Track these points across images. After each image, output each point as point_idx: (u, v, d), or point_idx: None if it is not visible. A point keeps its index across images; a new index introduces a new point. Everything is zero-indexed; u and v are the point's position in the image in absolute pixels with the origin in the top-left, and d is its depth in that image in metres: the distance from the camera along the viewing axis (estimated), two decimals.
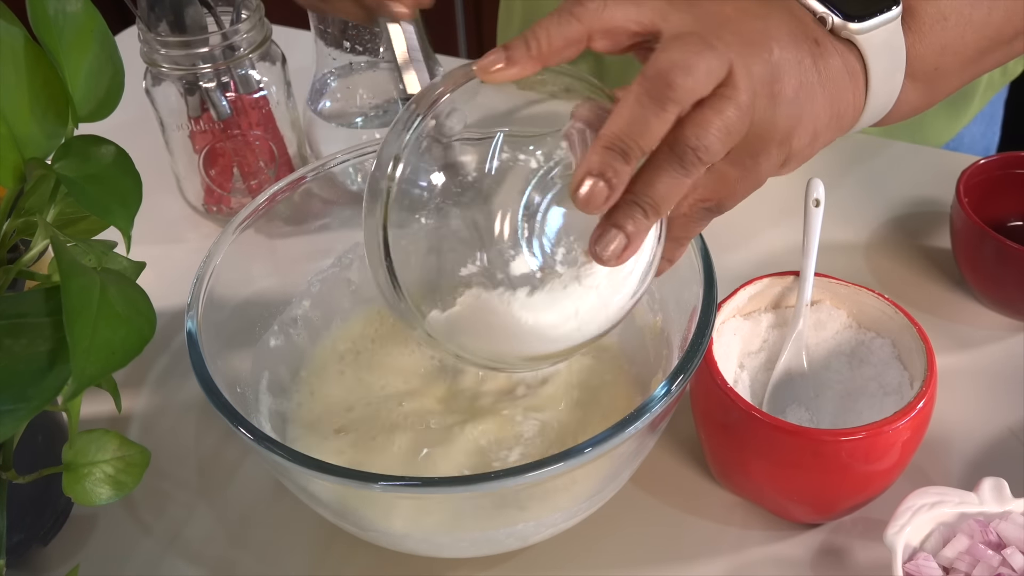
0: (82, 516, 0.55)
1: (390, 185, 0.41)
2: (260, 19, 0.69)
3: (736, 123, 0.38)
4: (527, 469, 0.40)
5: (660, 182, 0.38)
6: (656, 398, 0.42)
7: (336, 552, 0.53)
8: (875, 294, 0.54)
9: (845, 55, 0.43)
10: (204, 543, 0.54)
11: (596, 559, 0.52)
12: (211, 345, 0.47)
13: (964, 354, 0.62)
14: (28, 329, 0.38)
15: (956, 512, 0.47)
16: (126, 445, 0.46)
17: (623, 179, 0.37)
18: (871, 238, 0.72)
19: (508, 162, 0.41)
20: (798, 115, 0.41)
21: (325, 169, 0.56)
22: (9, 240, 0.44)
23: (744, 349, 0.56)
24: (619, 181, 0.37)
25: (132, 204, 0.43)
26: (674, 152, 0.38)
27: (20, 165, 0.40)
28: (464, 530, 0.46)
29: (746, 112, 0.39)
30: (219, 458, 0.58)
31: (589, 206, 0.37)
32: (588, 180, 0.37)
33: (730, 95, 0.38)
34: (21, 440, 0.45)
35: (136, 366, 0.64)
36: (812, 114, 0.42)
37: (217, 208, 0.75)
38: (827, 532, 0.52)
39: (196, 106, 0.69)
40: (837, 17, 0.43)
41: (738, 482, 0.53)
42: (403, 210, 0.42)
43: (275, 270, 0.57)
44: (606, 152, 0.37)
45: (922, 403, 0.47)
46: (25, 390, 0.37)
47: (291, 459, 0.41)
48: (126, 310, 0.39)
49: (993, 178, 0.66)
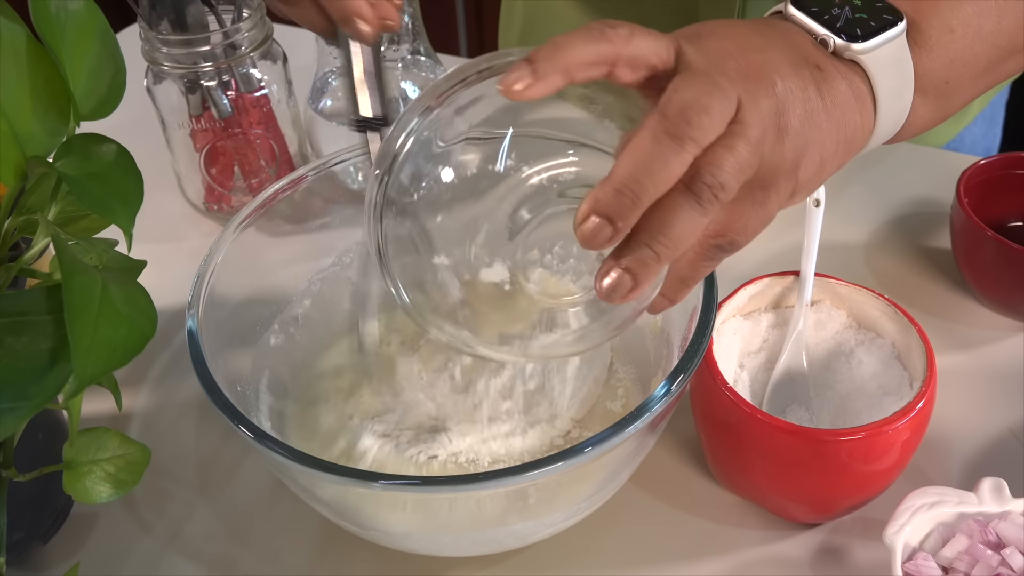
0: (82, 514, 0.55)
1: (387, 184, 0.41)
2: (261, 17, 0.69)
3: (748, 159, 0.37)
4: (527, 468, 0.40)
5: (677, 223, 0.36)
6: (656, 398, 0.42)
7: (336, 551, 0.53)
8: (875, 294, 0.54)
9: (850, 77, 0.42)
10: (204, 541, 0.54)
11: (596, 558, 0.52)
12: (212, 344, 0.48)
13: (964, 354, 0.62)
14: (29, 327, 0.38)
15: (955, 512, 0.47)
16: (126, 443, 0.46)
17: (630, 223, 0.36)
18: (871, 238, 0.72)
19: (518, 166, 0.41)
20: (804, 145, 0.40)
21: (326, 168, 0.56)
22: (10, 238, 0.44)
23: (744, 349, 0.56)
24: (625, 225, 0.35)
25: (133, 202, 0.43)
26: (691, 191, 0.36)
27: (21, 163, 0.40)
28: (464, 529, 0.46)
29: (756, 147, 0.38)
30: (219, 457, 0.59)
31: (589, 244, 0.36)
32: (593, 218, 0.35)
33: (740, 132, 0.37)
34: (22, 438, 0.45)
35: (137, 364, 0.64)
36: (818, 143, 0.41)
37: (218, 207, 0.75)
38: (827, 532, 0.52)
39: (197, 104, 0.69)
40: (838, 39, 0.42)
41: (738, 482, 0.53)
42: (399, 213, 0.42)
43: (276, 269, 0.57)
44: (617, 196, 0.35)
45: (922, 403, 0.47)
46: (26, 388, 0.37)
47: (291, 458, 0.41)
48: (127, 308, 0.39)
49: (993, 178, 0.66)
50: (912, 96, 0.44)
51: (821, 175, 0.42)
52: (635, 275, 0.36)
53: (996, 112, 0.91)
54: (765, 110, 0.39)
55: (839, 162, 0.43)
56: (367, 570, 0.52)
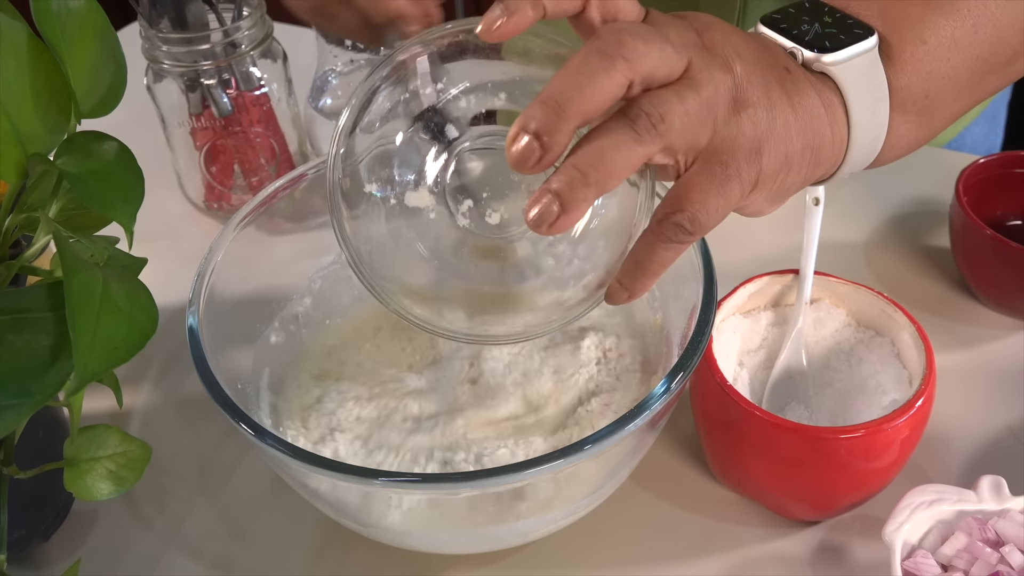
0: (83, 511, 0.55)
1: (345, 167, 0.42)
2: (262, 16, 0.69)
3: (696, 110, 0.37)
4: (527, 466, 0.40)
5: (609, 147, 0.35)
6: (656, 395, 0.42)
7: (336, 548, 0.53)
8: (874, 292, 0.54)
9: (819, 87, 0.41)
10: (204, 539, 0.54)
11: (596, 556, 0.52)
12: (212, 341, 0.48)
13: (963, 353, 0.62)
14: (30, 324, 0.38)
15: (955, 510, 0.47)
16: (127, 441, 0.46)
17: (558, 140, 0.34)
18: (871, 237, 0.72)
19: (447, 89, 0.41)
20: (766, 131, 0.39)
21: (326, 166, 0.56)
22: (11, 235, 0.44)
23: (744, 347, 0.56)
24: (552, 141, 0.34)
25: (134, 200, 0.43)
26: (626, 115, 0.36)
27: (22, 161, 0.40)
28: (464, 526, 0.46)
29: (707, 105, 0.37)
30: (220, 454, 0.59)
31: (520, 165, 0.35)
32: (522, 137, 0.34)
33: (691, 84, 0.37)
34: (22, 435, 0.45)
35: (137, 362, 0.64)
36: (783, 136, 0.40)
37: (218, 205, 0.75)
38: (826, 530, 0.53)
39: (197, 103, 0.69)
40: (807, 52, 0.42)
41: (737, 480, 0.53)
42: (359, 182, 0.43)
43: (276, 267, 0.57)
44: (542, 107, 0.34)
45: (921, 401, 0.47)
46: (27, 385, 0.37)
47: (291, 455, 0.41)
48: (128, 306, 0.39)
49: (993, 177, 0.66)
50: (888, 112, 0.43)
51: (787, 176, 0.41)
52: (563, 199, 0.35)
53: (998, 112, 0.90)
54: (719, 79, 0.38)
55: (807, 171, 0.42)
56: (367, 567, 0.52)
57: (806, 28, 0.43)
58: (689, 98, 0.37)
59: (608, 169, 0.36)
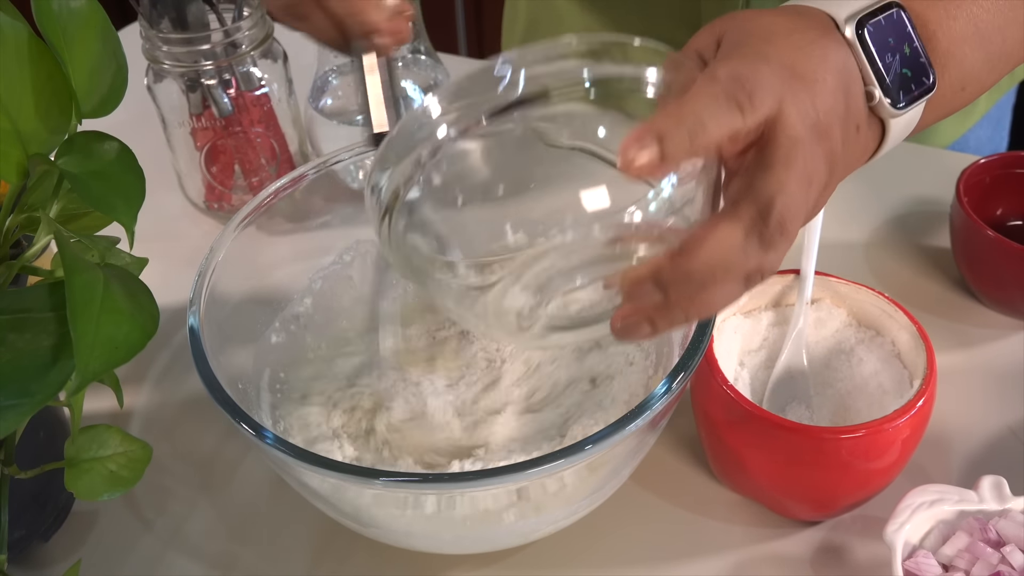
0: (83, 512, 0.55)
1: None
2: (262, 16, 0.69)
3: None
4: (527, 466, 0.40)
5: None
6: (656, 395, 0.42)
7: (337, 548, 0.53)
8: (875, 292, 0.54)
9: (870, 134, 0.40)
10: (205, 539, 0.54)
11: (596, 556, 0.52)
12: (213, 341, 0.48)
13: (964, 353, 0.62)
14: (31, 324, 0.38)
15: (956, 510, 0.47)
16: (128, 441, 0.46)
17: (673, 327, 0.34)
18: (871, 237, 0.72)
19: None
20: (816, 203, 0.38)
21: (326, 167, 0.56)
22: (12, 236, 0.44)
23: (744, 347, 0.56)
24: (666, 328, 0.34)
25: (135, 200, 0.43)
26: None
27: (23, 161, 0.40)
28: (464, 527, 0.46)
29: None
30: (220, 454, 0.59)
31: (622, 339, 0.34)
32: (633, 319, 0.34)
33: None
34: (23, 435, 0.45)
35: (138, 362, 0.64)
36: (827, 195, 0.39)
37: (218, 205, 0.75)
38: (827, 530, 0.53)
39: (198, 103, 0.69)
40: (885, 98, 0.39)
41: (738, 480, 0.53)
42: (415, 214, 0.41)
43: (276, 267, 0.57)
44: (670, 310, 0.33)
45: (922, 401, 0.47)
46: (28, 385, 0.37)
47: (292, 455, 0.41)
48: (129, 306, 0.39)
49: (993, 177, 0.66)
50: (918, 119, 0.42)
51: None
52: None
53: (1003, 115, 0.90)
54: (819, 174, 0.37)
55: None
56: (368, 568, 0.52)
57: (890, 60, 0.40)
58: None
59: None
